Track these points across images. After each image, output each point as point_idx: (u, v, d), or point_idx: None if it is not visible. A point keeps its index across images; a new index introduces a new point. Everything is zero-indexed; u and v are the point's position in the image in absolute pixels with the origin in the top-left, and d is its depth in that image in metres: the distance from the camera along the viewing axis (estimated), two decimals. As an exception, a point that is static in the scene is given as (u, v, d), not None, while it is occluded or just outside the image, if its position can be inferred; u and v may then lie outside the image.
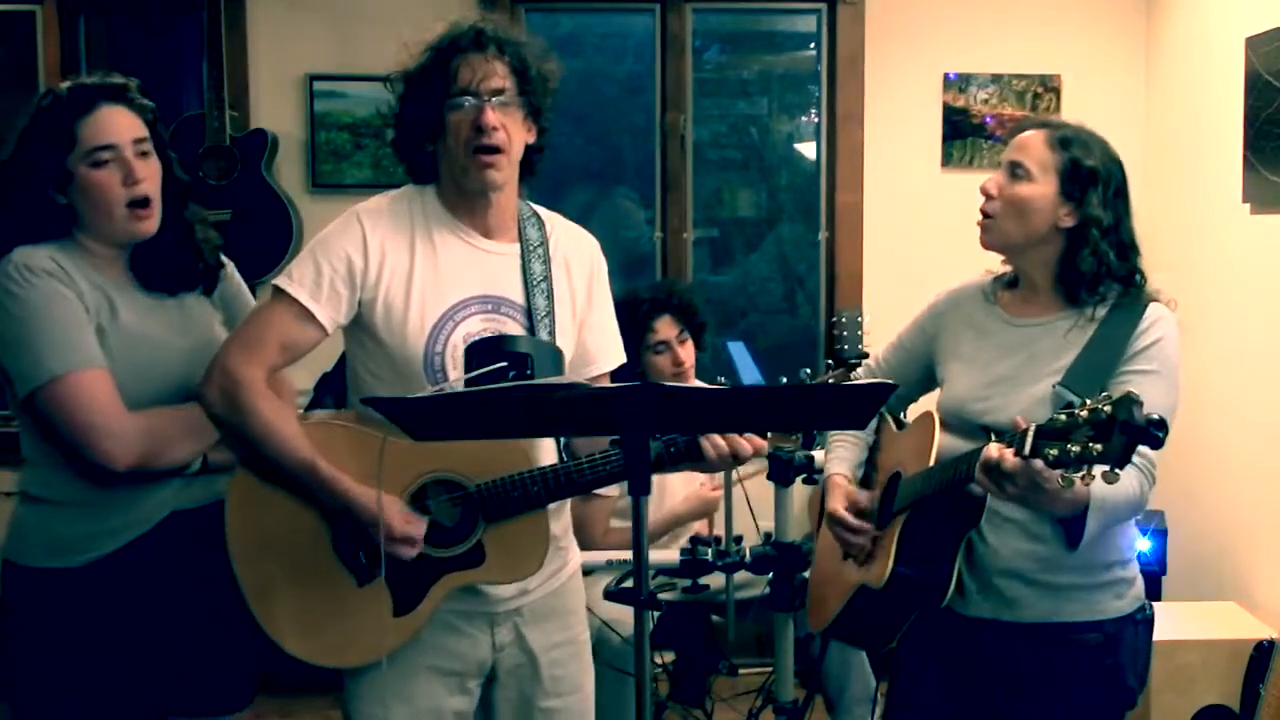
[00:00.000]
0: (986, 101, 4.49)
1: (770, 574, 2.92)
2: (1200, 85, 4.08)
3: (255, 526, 2.17)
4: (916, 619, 2.29)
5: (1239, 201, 3.72)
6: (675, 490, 3.59)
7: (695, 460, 2.14)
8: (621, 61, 5.04)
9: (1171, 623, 3.50)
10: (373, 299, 2.14)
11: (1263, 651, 3.18)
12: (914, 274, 4.14)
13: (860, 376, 2.53)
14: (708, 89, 5.03)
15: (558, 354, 2.20)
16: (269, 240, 4.34)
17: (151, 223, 2.24)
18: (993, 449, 1.96)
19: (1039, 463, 1.90)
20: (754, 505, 3.35)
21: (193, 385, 2.23)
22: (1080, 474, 1.83)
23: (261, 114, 4.48)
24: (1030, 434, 1.90)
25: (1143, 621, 2.28)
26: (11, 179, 2.21)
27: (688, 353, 3.57)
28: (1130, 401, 1.80)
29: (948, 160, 4.50)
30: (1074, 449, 1.82)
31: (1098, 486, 1.88)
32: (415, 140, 2.19)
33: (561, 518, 2.32)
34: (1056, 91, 4.49)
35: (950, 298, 2.43)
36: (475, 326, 2.17)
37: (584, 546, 3.37)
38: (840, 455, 2.49)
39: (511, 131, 2.14)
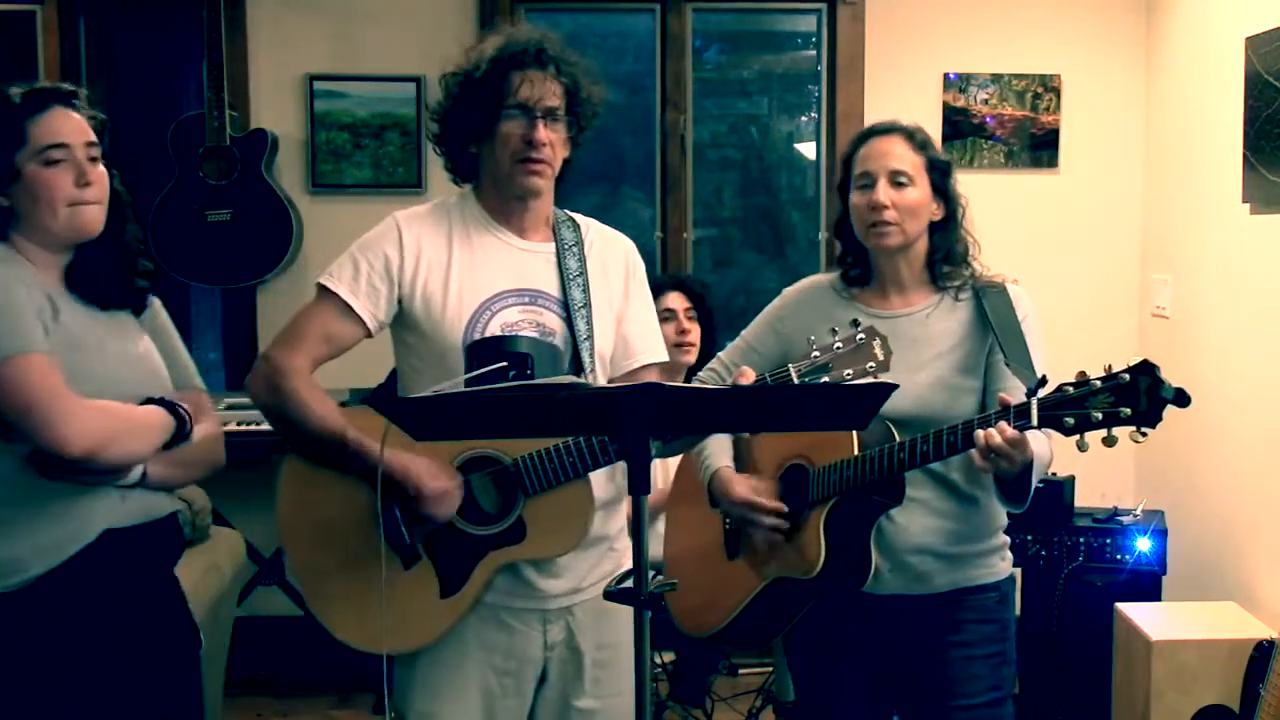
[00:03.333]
0: (986, 102, 4.49)
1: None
2: (1200, 85, 4.08)
3: (305, 515, 2.23)
4: (815, 606, 2.37)
5: (1239, 201, 3.72)
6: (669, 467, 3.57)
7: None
8: (621, 61, 5.04)
9: (1171, 623, 3.51)
10: (411, 293, 2.23)
11: (1263, 651, 3.18)
12: (914, 274, 4.15)
13: (706, 381, 2.55)
14: (708, 89, 5.03)
15: (558, 354, 2.23)
16: (269, 240, 4.34)
17: (95, 217, 2.17)
18: (998, 440, 2.04)
19: (1022, 435, 2.04)
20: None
21: (133, 393, 2.18)
22: (1102, 436, 1.98)
23: (261, 114, 4.48)
24: (1034, 407, 2.02)
25: (1014, 580, 2.49)
26: None
27: (694, 329, 3.57)
28: (1150, 366, 1.95)
29: (948, 160, 4.50)
30: (1097, 414, 1.97)
31: (1039, 447, 2.11)
32: (461, 140, 2.28)
33: (617, 517, 2.35)
34: (1056, 91, 4.49)
35: (799, 297, 2.51)
36: (513, 316, 2.24)
37: None
38: (718, 447, 2.51)
39: (557, 147, 2.25)
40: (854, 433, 2.26)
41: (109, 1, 4.63)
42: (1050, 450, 2.25)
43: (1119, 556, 3.77)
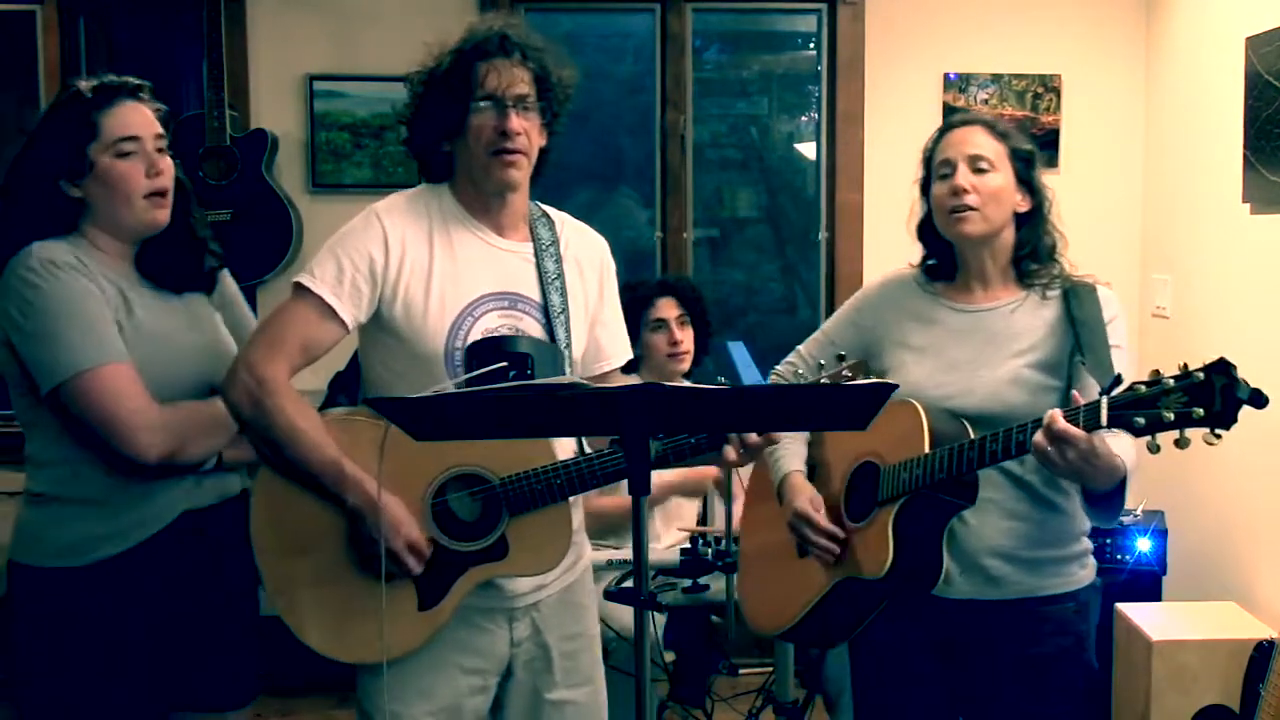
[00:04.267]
0: (986, 102, 4.49)
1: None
2: (1200, 85, 4.08)
3: (281, 523, 2.19)
4: (884, 608, 2.32)
5: (1239, 201, 3.72)
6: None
7: (698, 455, 2.16)
8: (621, 61, 5.04)
9: (1171, 623, 3.51)
10: (393, 295, 2.17)
11: (1263, 651, 3.18)
12: (914, 274, 4.14)
13: (785, 374, 2.54)
14: (708, 89, 5.03)
15: (558, 353, 2.22)
16: (269, 240, 4.34)
17: (166, 213, 2.27)
18: (1060, 423, 1.96)
19: (1103, 434, 1.96)
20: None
21: (206, 382, 2.27)
22: (1174, 437, 1.89)
23: (261, 114, 4.48)
24: (1104, 406, 1.93)
25: (1099, 589, 2.41)
26: (24, 171, 2.23)
27: (687, 336, 3.56)
28: (1226, 365, 1.87)
29: (948, 160, 4.49)
30: (1168, 415, 1.87)
31: (1129, 458, 2.02)
32: (432, 139, 2.23)
33: (577, 513, 2.33)
34: (1056, 91, 4.49)
35: (881, 290, 2.47)
36: (493, 322, 2.20)
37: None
38: (792, 450, 2.47)
39: (531, 136, 2.19)
40: (925, 430, 2.20)
41: (109, 1, 4.64)
42: (1135, 462, 2.15)
43: (1119, 556, 3.77)
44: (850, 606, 2.35)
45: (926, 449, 2.18)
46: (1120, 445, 2.02)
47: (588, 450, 2.21)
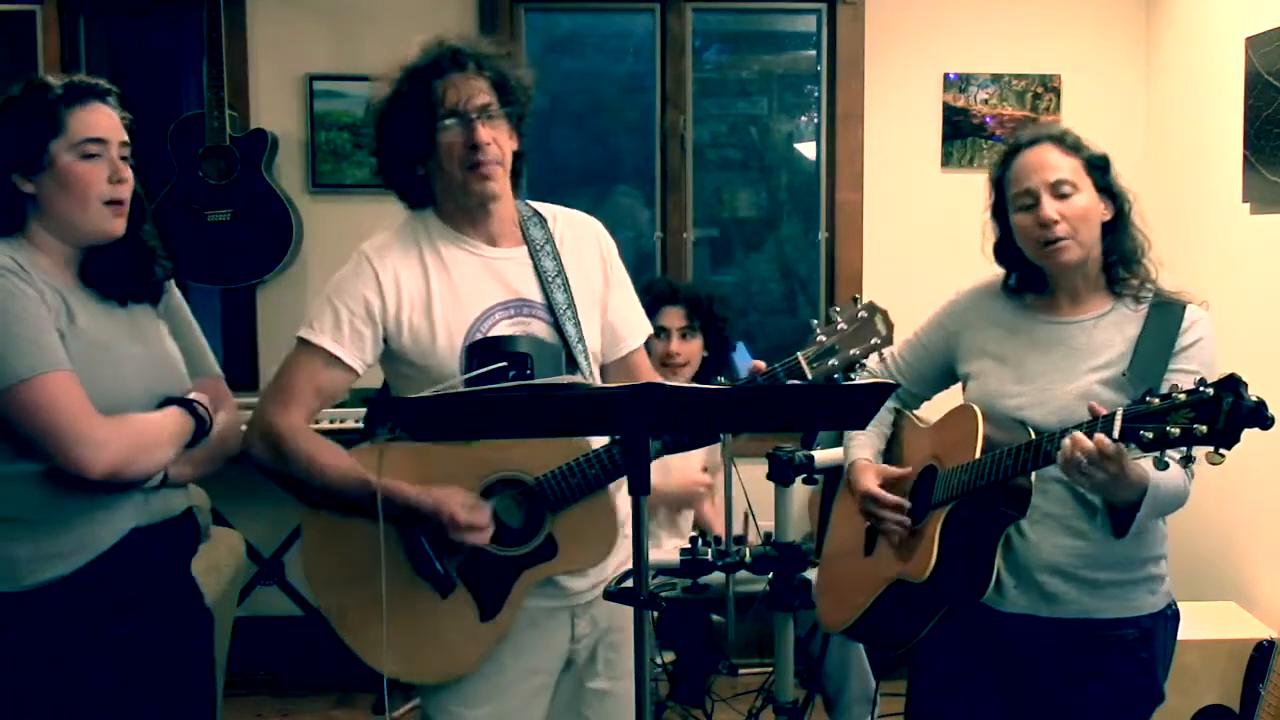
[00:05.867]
0: (986, 101, 4.49)
1: (770, 574, 2.92)
2: (1200, 85, 4.08)
3: (334, 558, 2.22)
4: (944, 615, 2.28)
5: (1239, 201, 3.72)
6: (671, 467, 3.56)
7: (700, 444, 2.18)
8: (621, 61, 5.04)
9: (1171, 623, 3.51)
10: (397, 331, 2.19)
11: (1262, 651, 3.18)
12: (914, 274, 4.14)
13: (875, 373, 2.53)
14: (708, 89, 5.03)
15: (558, 353, 2.22)
16: (269, 240, 4.34)
17: (122, 223, 2.17)
18: (1079, 435, 1.95)
19: (1117, 446, 1.92)
20: (754, 505, 3.35)
21: (153, 393, 2.18)
22: (1179, 455, 1.85)
23: (261, 114, 4.48)
24: (1119, 418, 1.91)
25: (1173, 617, 2.33)
26: None
27: (688, 349, 3.54)
28: (1236, 382, 1.83)
29: (948, 160, 4.50)
30: (1174, 430, 1.84)
31: (1153, 474, 1.96)
32: (403, 165, 2.22)
33: (623, 502, 2.33)
34: (1056, 91, 4.49)
35: (972, 295, 2.44)
36: (503, 331, 2.21)
37: None
38: (861, 443, 2.47)
39: (501, 143, 2.19)
40: (980, 436, 2.17)
41: (109, 1, 4.64)
42: (1184, 484, 2.10)
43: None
44: (904, 610, 2.33)
45: (978, 454, 2.16)
46: (1165, 470, 1.97)
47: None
